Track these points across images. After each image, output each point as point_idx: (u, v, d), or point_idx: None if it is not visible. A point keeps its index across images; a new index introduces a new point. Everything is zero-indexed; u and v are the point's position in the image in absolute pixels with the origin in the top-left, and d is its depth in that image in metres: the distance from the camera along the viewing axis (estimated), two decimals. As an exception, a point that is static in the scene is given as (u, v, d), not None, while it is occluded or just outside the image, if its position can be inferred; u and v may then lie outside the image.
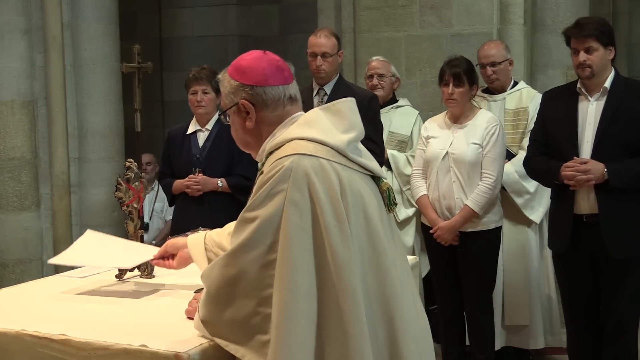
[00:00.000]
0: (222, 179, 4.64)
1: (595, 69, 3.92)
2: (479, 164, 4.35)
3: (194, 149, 4.72)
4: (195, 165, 4.67)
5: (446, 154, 4.40)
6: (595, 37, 3.90)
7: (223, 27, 9.63)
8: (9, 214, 5.90)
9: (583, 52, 3.92)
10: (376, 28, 5.86)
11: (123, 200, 2.89)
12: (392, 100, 5.24)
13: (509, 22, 5.58)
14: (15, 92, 5.86)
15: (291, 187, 2.08)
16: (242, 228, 2.14)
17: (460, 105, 4.38)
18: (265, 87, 2.26)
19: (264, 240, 2.08)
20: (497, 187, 4.36)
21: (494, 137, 4.34)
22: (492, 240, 4.47)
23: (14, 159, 5.89)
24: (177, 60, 9.79)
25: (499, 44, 5.04)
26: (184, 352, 2.07)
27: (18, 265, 5.96)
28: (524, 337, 4.96)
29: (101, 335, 2.18)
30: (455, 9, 5.65)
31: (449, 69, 4.36)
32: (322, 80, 4.59)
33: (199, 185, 4.60)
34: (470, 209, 4.34)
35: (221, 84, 2.33)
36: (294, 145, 2.16)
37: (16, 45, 5.84)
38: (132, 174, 2.90)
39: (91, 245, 2.84)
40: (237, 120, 2.31)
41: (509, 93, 4.95)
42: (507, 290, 4.90)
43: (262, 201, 2.11)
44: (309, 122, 2.23)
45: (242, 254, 2.09)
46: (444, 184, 4.41)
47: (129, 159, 2.97)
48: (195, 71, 4.67)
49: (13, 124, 5.86)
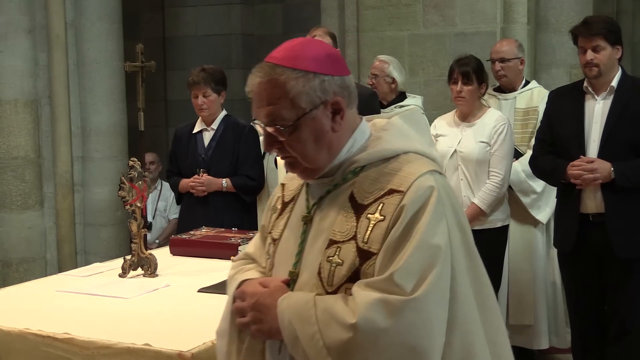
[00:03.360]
0: (227, 179, 4.64)
1: (602, 68, 3.90)
2: (487, 162, 4.36)
3: (200, 149, 4.73)
4: (200, 165, 4.66)
5: (454, 152, 4.40)
6: (603, 35, 3.89)
7: (226, 26, 9.63)
8: (13, 213, 5.90)
9: (590, 50, 3.90)
10: (379, 27, 5.86)
11: (126, 199, 2.89)
12: (397, 100, 5.23)
13: (512, 21, 5.57)
14: (18, 91, 5.86)
15: (447, 210, 1.74)
16: (421, 262, 1.68)
17: (469, 104, 4.39)
18: (348, 79, 1.82)
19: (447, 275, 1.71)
20: (504, 186, 4.36)
21: (502, 135, 4.34)
22: (498, 239, 4.47)
23: (17, 158, 5.89)
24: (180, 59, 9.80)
25: (512, 42, 5.04)
26: (187, 351, 2.07)
27: (22, 264, 5.96)
28: (528, 337, 4.94)
29: (105, 334, 2.18)
30: (459, 8, 5.65)
31: (458, 67, 4.37)
32: None
33: (203, 186, 4.60)
34: (478, 207, 4.34)
35: (283, 85, 1.74)
36: (419, 160, 1.79)
37: (20, 44, 5.84)
38: (135, 173, 2.90)
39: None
40: (317, 125, 1.76)
41: (520, 92, 4.94)
42: (512, 289, 4.89)
43: (435, 228, 1.70)
44: (404, 132, 1.87)
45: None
46: (452, 182, 4.38)
47: (133, 158, 2.97)
48: (193, 74, 4.67)
49: (16, 123, 5.86)
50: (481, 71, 4.39)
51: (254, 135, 4.69)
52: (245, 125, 4.78)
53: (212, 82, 4.61)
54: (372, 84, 5.18)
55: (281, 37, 4.82)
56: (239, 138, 4.69)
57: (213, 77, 4.65)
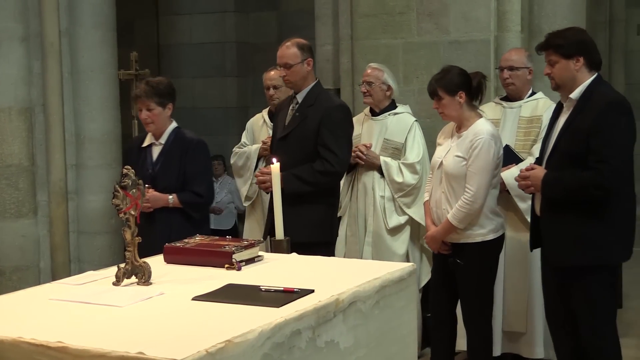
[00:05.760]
0: (174, 194, 4.52)
1: (558, 82, 3.98)
2: (463, 177, 4.31)
3: (148, 163, 4.62)
4: (147, 180, 4.44)
5: (441, 164, 4.42)
6: (552, 49, 3.95)
7: (221, 34, 9.65)
8: (6, 221, 5.89)
9: (547, 64, 3.99)
10: (373, 35, 5.87)
11: (120, 208, 2.88)
12: (390, 107, 5.25)
13: (506, 30, 5.60)
14: (12, 99, 5.85)
15: None
16: None
17: (450, 116, 4.40)
18: None
19: None
20: (476, 202, 4.27)
21: (477, 151, 4.27)
22: (479, 254, 4.39)
23: (11, 166, 5.88)
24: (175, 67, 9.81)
25: (522, 51, 5.07)
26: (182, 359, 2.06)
27: (15, 272, 5.95)
28: (522, 344, 4.95)
29: (98, 342, 2.17)
30: (453, 16, 5.67)
31: (428, 86, 4.43)
32: (292, 88, 4.65)
33: (149, 202, 4.43)
34: (449, 222, 4.34)
35: None
36: None
37: (14, 52, 5.84)
38: (129, 181, 2.90)
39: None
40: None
41: (526, 101, 4.98)
42: (507, 296, 4.90)
43: None
44: None
45: None
46: (437, 193, 4.44)
47: (127, 166, 2.96)
48: (137, 88, 4.55)
49: (10, 131, 5.85)
50: (454, 81, 4.34)
51: (202, 150, 4.63)
52: (193, 139, 4.65)
53: (155, 96, 4.50)
54: (366, 91, 5.20)
55: (276, 45, 4.83)
56: (185, 152, 4.57)
57: (156, 90, 4.54)
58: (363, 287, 2.66)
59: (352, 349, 2.58)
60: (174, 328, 2.34)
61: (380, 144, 5.17)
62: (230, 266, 2.99)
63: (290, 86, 4.65)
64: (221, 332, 2.18)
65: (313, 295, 2.53)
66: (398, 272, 2.89)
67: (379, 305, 2.73)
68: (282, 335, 2.26)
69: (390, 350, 2.81)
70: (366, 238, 5.16)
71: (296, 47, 4.56)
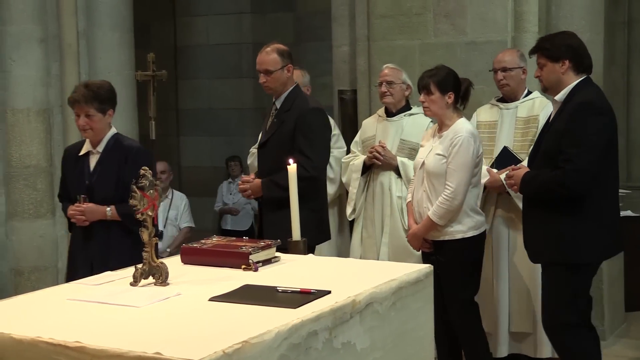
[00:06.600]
0: (112, 206, 4.20)
1: (545, 84, 4.12)
2: (443, 175, 4.36)
3: (85, 173, 4.30)
4: (83, 191, 4.23)
5: (423, 164, 4.47)
6: (540, 53, 4.11)
7: (237, 35, 9.66)
8: (25, 221, 5.93)
9: (538, 67, 4.13)
10: (390, 36, 5.86)
11: (137, 208, 2.89)
12: (405, 108, 5.25)
13: (523, 30, 5.57)
14: (31, 101, 5.90)
15: None
16: None
17: (435, 113, 4.45)
18: None
19: None
20: (456, 198, 4.32)
21: (456, 148, 4.33)
22: (460, 251, 4.43)
23: (29, 167, 5.92)
24: (191, 68, 9.83)
25: (514, 52, 5.06)
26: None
27: (33, 272, 5.99)
28: (529, 344, 4.94)
29: (116, 342, 2.18)
30: (470, 17, 5.64)
31: (420, 79, 4.48)
32: (272, 94, 4.63)
33: (84, 214, 4.20)
34: (429, 219, 4.39)
35: None
36: None
37: (32, 53, 5.88)
38: (146, 182, 2.91)
39: None
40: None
41: (522, 102, 4.98)
42: (513, 296, 4.90)
43: None
44: None
45: None
46: (419, 192, 4.50)
47: (144, 167, 2.97)
48: (76, 91, 4.23)
49: (29, 132, 5.90)
50: (448, 81, 4.40)
51: (143, 157, 4.26)
52: (133, 146, 4.36)
53: (95, 101, 4.18)
54: (386, 90, 5.18)
55: (292, 46, 4.83)
56: (124, 161, 4.23)
57: (97, 95, 4.21)
58: (380, 289, 2.66)
59: (369, 350, 2.58)
60: (191, 328, 2.35)
61: (397, 145, 5.17)
62: (247, 267, 2.99)
63: (270, 92, 4.62)
64: (238, 332, 2.19)
65: (330, 297, 2.53)
66: (415, 273, 2.89)
67: (396, 307, 2.73)
68: (298, 336, 2.26)
69: (406, 351, 2.80)
70: (383, 239, 5.16)
71: (276, 53, 4.51)
